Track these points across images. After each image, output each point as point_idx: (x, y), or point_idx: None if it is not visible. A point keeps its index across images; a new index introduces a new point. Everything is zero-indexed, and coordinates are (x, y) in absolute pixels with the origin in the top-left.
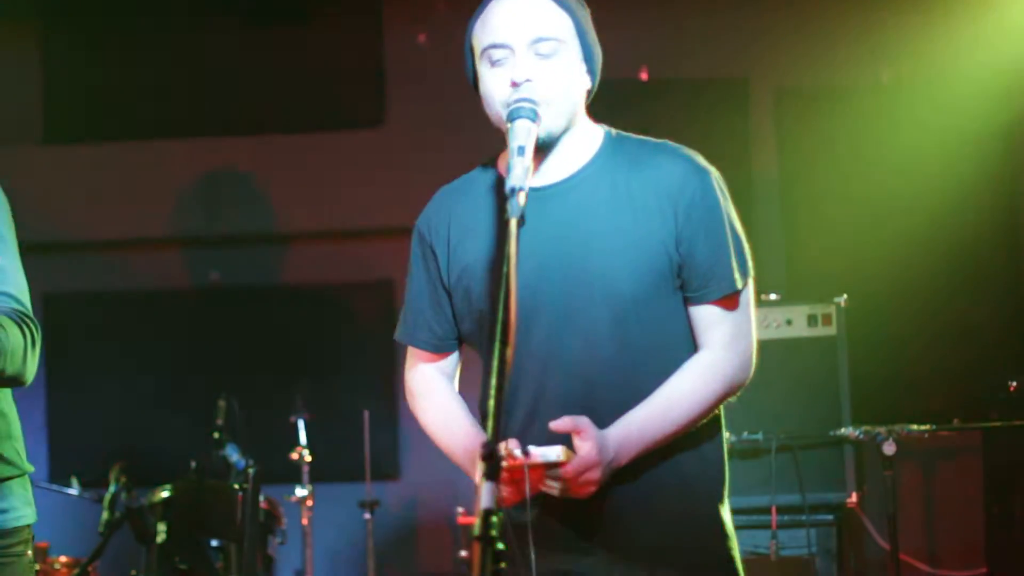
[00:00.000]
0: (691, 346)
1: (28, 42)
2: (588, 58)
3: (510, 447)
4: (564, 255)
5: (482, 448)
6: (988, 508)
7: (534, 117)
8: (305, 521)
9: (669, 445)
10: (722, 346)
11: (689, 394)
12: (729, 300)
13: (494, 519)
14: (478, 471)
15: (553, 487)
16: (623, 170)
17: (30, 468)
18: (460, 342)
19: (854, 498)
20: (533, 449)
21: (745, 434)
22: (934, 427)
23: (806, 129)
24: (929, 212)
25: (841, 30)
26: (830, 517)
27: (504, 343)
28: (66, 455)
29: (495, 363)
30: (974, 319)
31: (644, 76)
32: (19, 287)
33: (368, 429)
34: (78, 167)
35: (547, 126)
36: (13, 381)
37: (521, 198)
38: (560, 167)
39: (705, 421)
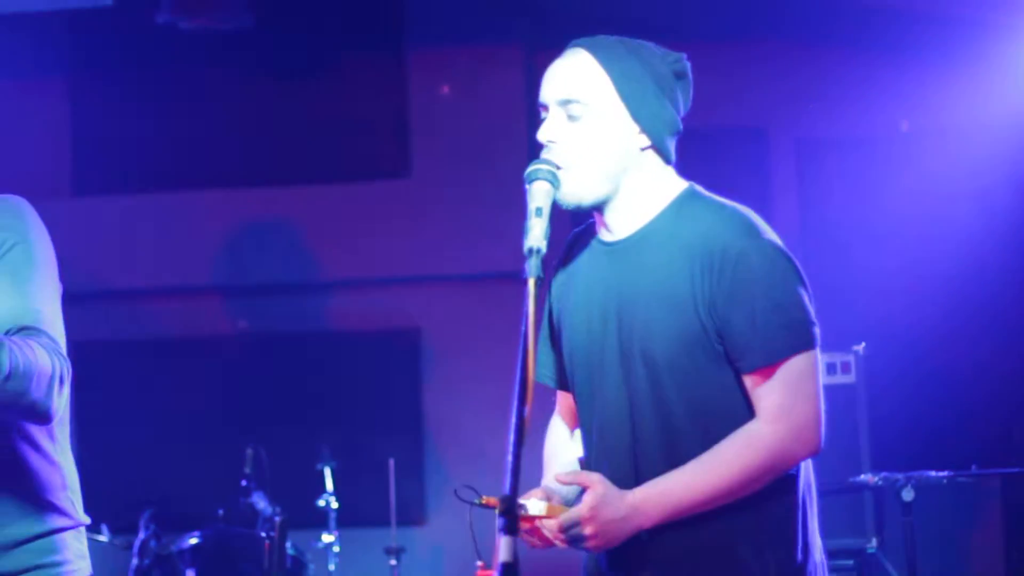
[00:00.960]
0: (745, 413)
1: (57, 95)
2: (636, 117)
3: (537, 497)
4: (617, 312)
5: (500, 503)
6: (1008, 552)
7: (551, 179)
8: (332, 567)
9: (727, 510)
10: (768, 418)
11: (722, 464)
12: (770, 370)
13: (512, 573)
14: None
15: (556, 539)
16: (683, 229)
17: (85, 520)
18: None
19: (874, 543)
20: (523, 501)
21: None
22: (952, 473)
23: (825, 178)
24: (947, 259)
25: (860, 80)
26: (850, 563)
27: (522, 402)
28: (97, 502)
29: (513, 420)
30: (993, 366)
31: None
32: (54, 328)
33: (394, 477)
34: (107, 218)
35: (569, 190)
36: (37, 412)
37: (536, 260)
38: (627, 222)
39: (756, 488)
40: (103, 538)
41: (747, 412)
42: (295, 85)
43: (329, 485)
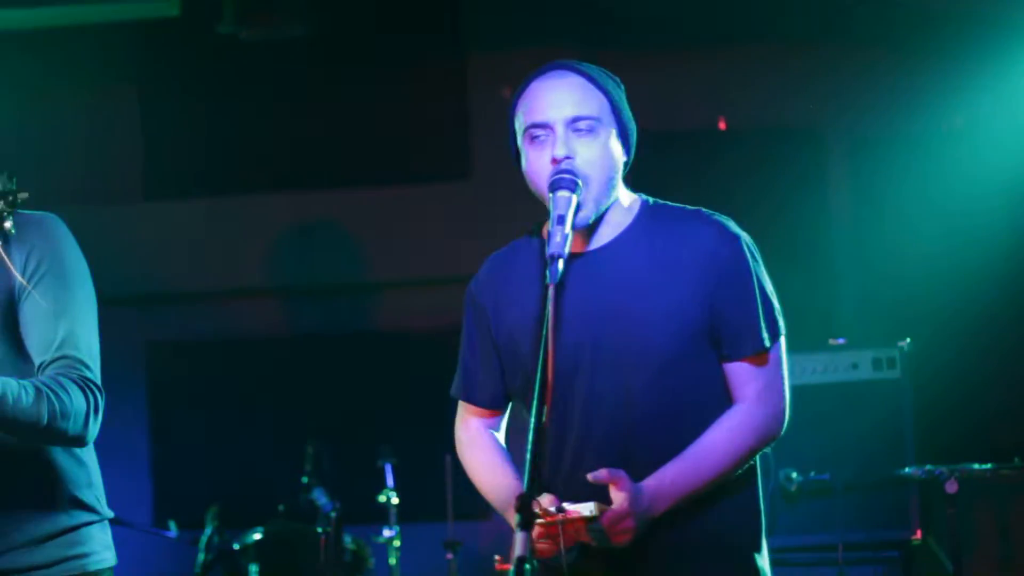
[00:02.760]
0: (726, 402)
1: (128, 101)
2: (623, 134)
3: (544, 504)
4: (606, 315)
5: (516, 500)
6: None
7: (574, 188)
8: (393, 561)
9: (707, 495)
10: (754, 401)
11: (722, 447)
12: (760, 357)
13: (527, 567)
14: (513, 521)
15: (591, 539)
16: (660, 235)
17: (109, 514)
18: (508, 399)
19: (919, 535)
20: (568, 506)
21: (812, 474)
22: (996, 466)
23: (880, 176)
24: (994, 254)
25: (914, 79)
26: (896, 554)
27: (542, 402)
28: (168, 498)
29: (532, 421)
30: None
31: (722, 126)
32: (89, 352)
33: (451, 472)
34: (177, 222)
35: (586, 199)
36: (74, 442)
37: (560, 265)
38: (602, 235)
39: (740, 472)
40: (171, 535)
41: (726, 399)
42: (356, 89)
43: (390, 481)
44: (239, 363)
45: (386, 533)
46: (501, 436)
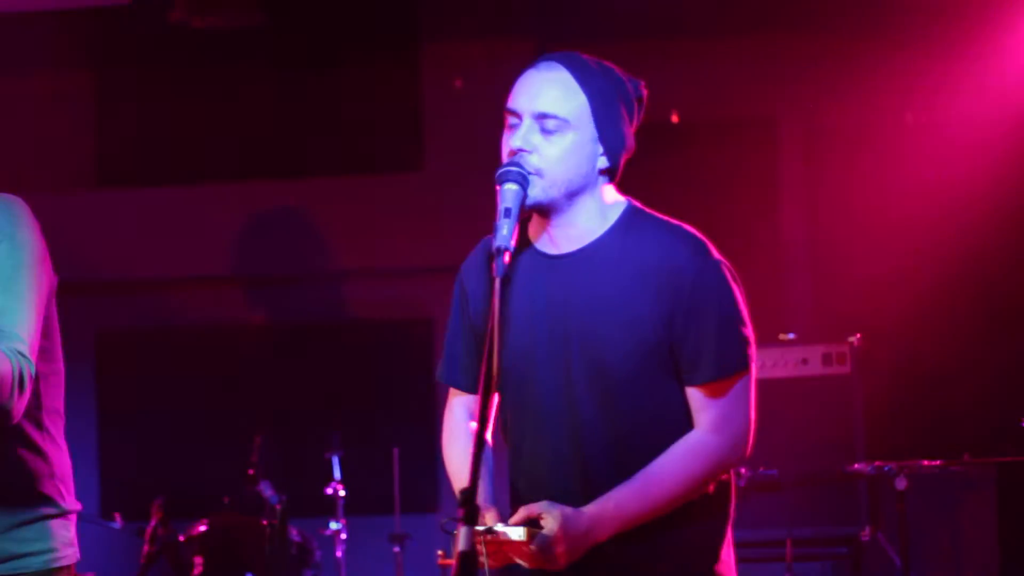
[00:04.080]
0: (687, 426)
1: (82, 88)
2: (603, 140)
3: (486, 520)
4: (563, 325)
5: (460, 494)
6: (1003, 542)
7: (521, 182)
8: (339, 554)
9: (670, 515)
10: (709, 429)
11: (670, 474)
12: (719, 385)
13: (471, 562)
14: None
15: (526, 561)
16: (633, 247)
17: (75, 506)
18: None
19: (867, 532)
20: (499, 527)
21: (761, 469)
22: (946, 462)
23: (833, 168)
24: (946, 249)
25: (869, 71)
26: (844, 550)
27: (486, 397)
28: (115, 489)
29: (479, 414)
30: (987, 355)
31: (675, 119)
32: (21, 324)
33: (398, 465)
34: (129, 209)
35: (535, 196)
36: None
37: (506, 258)
38: (572, 238)
39: (698, 495)
40: (116, 526)
41: (685, 421)
42: (310, 79)
43: (337, 473)
44: (187, 353)
45: (332, 526)
46: (490, 423)
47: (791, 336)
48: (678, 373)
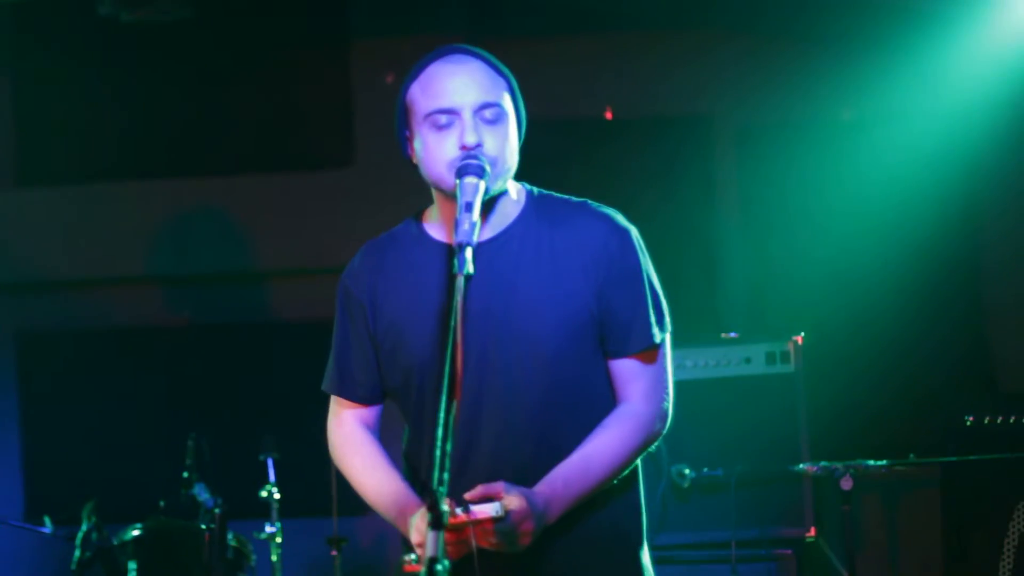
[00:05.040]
0: (611, 401)
1: (1, 84)
2: (519, 123)
3: (449, 505)
4: (491, 311)
5: (428, 497)
6: (946, 541)
7: (482, 175)
8: (275, 558)
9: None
10: (640, 398)
11: (611, 447)
12: (647, 354)
13: (439, 567)
14: (421, 519)
15: (492, 542)
16: (546, 228)
17: None
18: (384, 395)
19: (812, 532)
20: (474, 507)
21: (705, 470)
22: (891, 462)
23: (768, 166)
24: (887, 247)
25: (803, 67)
26: (789, 551)
27: (451, 396)
28: (41, 493)
29: (440, 415)
30: (931, 355)
31: (608, 115)
32: None
33: (334, 467)
34: (50, 208)
35: (492, 186)
36: None
37: (468, 253)
38: (494, 224)
39: (632, 465)
40: (46, 531)
41: (610, 396)
42: (238, 75)
43: (271, 476)
44: (116, 354)
45: (268, 529)
46: (376, 434)
47: (733, 335)
48: (604, 346)
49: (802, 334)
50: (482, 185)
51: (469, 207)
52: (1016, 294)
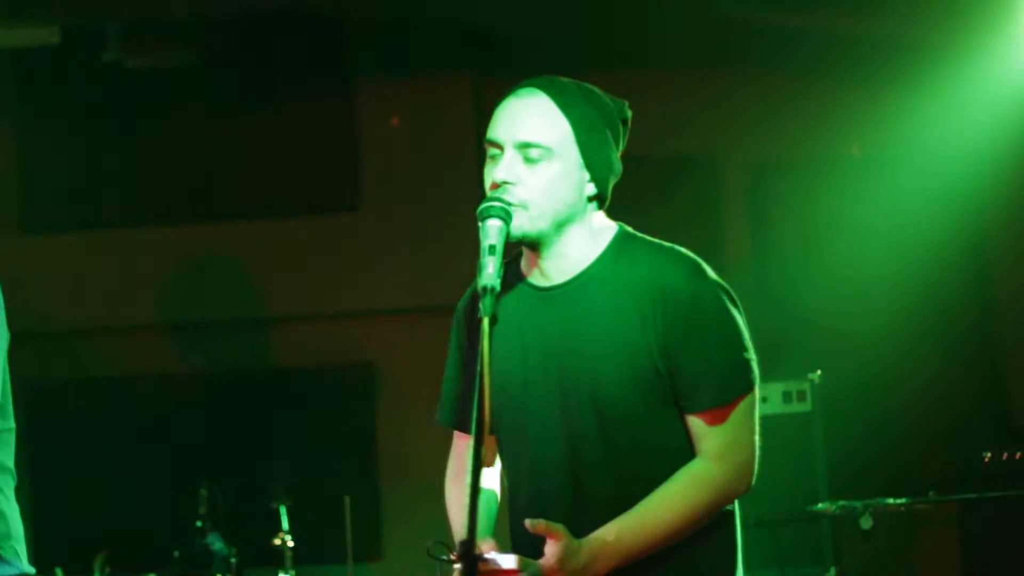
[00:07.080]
0: (690, 453)
1: (5, 131)
2: (589, 166)
3: (481, 548)
4: (560, 358)
5: (459, 547)
6: None
7: (504, 217)
8: None
9: (673, 549)
10: (713, 457)
11: (672, 505)
12: (720, 411)
13: None
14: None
15: None
16: (624, 273)
17: (31, 570)
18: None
19: (833, 573)
20: (489, 555)
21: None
22: (910, 500)
23: (777, 203)
24: (900, 284)
25: (811, 106)
26: None
27: (479, 442)
28: (51, 544)
29: (469, 462)
30: (948, 392)
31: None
32: None
33: (349, 513)
34: (56, 256)
35: (521, 227)
36: None
37: (491, 297)
38: (564, 269)
39: (702, 526)
40: None
41: (688, 449)
42: (243, 120)
43: (284, 523)
44: (126, 402)
45: None
46: (494, 464)
47: None
48: (677, 401)
49: (819, 373)
50: (504, 228)
51: (492, 249)
52: None
